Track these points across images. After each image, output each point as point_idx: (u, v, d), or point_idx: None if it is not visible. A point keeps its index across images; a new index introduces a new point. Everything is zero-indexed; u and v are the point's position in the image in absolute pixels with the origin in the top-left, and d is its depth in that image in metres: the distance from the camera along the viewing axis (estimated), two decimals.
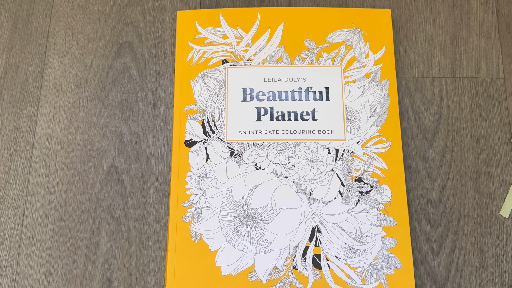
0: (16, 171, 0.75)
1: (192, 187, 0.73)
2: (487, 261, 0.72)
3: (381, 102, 0.77)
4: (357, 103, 0.77)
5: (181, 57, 0.79)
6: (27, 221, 0.73)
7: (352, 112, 0.76)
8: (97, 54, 0.80)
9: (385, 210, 0.72)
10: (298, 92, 0.77)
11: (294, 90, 0.77)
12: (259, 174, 0.74)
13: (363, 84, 0.77)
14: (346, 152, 0.75)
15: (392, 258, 0.71)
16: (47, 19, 0.82)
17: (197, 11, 0.81)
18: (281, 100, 0.77)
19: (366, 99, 0.77)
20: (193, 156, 0.74)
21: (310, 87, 0.77)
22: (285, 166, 0.74)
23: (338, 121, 0.76)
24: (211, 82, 0.77)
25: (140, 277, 0.71)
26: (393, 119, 0.76)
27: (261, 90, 0.77)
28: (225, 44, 0.79)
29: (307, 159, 0.74)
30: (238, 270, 0.70)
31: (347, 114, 0.76)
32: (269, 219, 0.72)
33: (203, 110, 0.76)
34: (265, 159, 0.74)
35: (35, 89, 0.78)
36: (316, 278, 0.70)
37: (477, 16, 0.82)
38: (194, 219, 0.72)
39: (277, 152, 0.74)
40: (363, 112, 0.76)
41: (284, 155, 0.74)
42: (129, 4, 0.82)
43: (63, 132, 0.77)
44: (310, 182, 0.73)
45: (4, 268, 0.71)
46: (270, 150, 0.74)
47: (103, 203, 0.74)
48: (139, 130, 0.77)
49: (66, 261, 0.71)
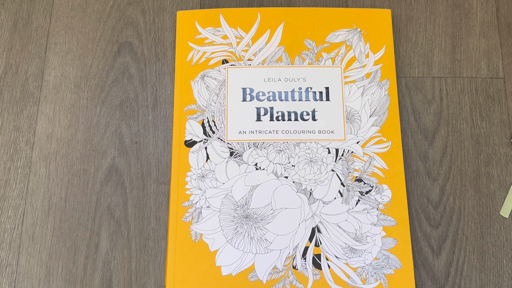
0: (16, 171, 0.75)
1: (192, 187, 0.73)
2: (487, 261, 0.72)
3: (381, 102, 0.77)
4: (357, 103, 0.77)
5: (181, 57, 0.79)
6: (27, 221, 0.73)
7: (352, 112, 0.76)
8: (97, 54, 0.80)
9: (385, 210, 0.72)
10: (298, 92, 0.77)
11: (294, 90, 0.77)
12: (259, 174, 0.74)
13: (363, 84, 0.77)
14: (346, 152, 0.75)
15: (392, 258, 0.71)
16: (47, 19, 0.82)
17: (197, 11, 0.81)
18: (281, 100, 0.77)
19: (366, 99, 0.77)
20: (193, 156, 0.74)
21: (310, 87, 0.77)
22: (285, 166, 0.74)
23: (338, 121, 0.76)
24: (211, 82, 0.77)
25: (140, 277, 0.71)
26: (393, 119, 0.76)
27: (261, 90, 0.77)
28: (225, 44, 0.79)
29: (307, 159, 0.74)
30: (238, 270, 0.70)
31: (347, 114, 0.76)
32: (269, 219, 0.72)
33: (203, 110, 0.76)
34: (265, 159, 0.74)
35: (35, 89, 0.78)
36: (316, 278, 0.70)
37: (477, 16, 0.82)
38: (194, 219, 0.72)
39: (277, 152, 0.74)
40: (363, 112, 0.76)
41: (284, 155, 0.74)
42: (129, 4, 0.82)
43: (63, 132, 0.77)
44: (310, 182, 0.73)
45: (4, 268, 0.71)
46: (270, 150, 0.74)
47: (103, 203, 0.74)
48: (139, 130, 0.77)
49: (66, 261, 0.71)
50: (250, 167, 0.74)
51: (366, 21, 0.80)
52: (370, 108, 0.76)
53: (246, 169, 0.74)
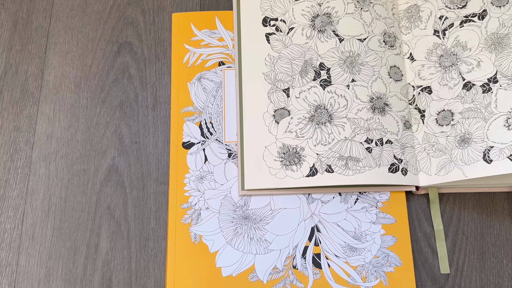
0: (16, 171, 0.75)
1: (191, 189, 0.73)
2: (487, 261, 0.72)
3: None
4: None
5: (177, 59, 0.79)
6: (27, 221, 0.73)
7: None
8: (97, 54, 0.80)
9: (384, 208, 0.73)
10: None
11: None
12: None
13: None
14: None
15: (391, 256, 0.71)
16: (47, 19, 0.82)
17: (193, 13, 0.81)
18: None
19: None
20: (191, 158, 0.74)
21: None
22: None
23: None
24: (208, 84, 0.77)
25: (140, 277, 0.71)
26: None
27: None
28: (221, 46, 0.79)
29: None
30: (239, 271, 0.70)
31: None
32: (268, 219, 0.72)
33: (200, 112, 0.76)
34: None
35: (35, 89, 0.78)
36: (316, 278, 0.70)
37: None
38: (193, 220, 0.72)
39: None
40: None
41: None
42: (129, 4, 0.82)
43: (63, 132, 0.77)
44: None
45: (4, 268, 0.71)
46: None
47: (103, 203, 0.74)
48: (139, 130, 0.77)
49: (66, 261, 0.72)
50: None
51: None
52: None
53: None
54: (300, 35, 0.77)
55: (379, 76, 0.76)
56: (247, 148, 0.73)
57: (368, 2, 0.79)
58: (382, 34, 0.78)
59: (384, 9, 0.79)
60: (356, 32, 0.78)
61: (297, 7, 0.79)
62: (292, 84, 0.75)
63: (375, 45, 0.77)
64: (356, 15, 0.78)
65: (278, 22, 0.78)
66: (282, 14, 0.78)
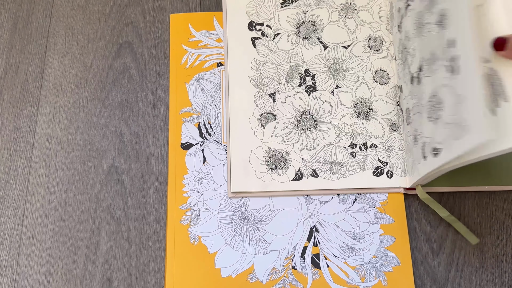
0: (16, 171, 0.75)
1: (190, 190, 0.73)
2: (487, 261, 0.72)
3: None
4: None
5: (176, 60, 0.79)
6: (27, 221, 0.73)
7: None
8: (97, 54, 0.80)
9: (382, 208, 0.73)
10: None
11: None
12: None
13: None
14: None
15: (390, 256, 0.71)
16: (47, 19, 0.82)
17: (191, 14, 0.81)
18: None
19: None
20: (190, 158, 0.74)
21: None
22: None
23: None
24: (206, 85, 0.77)
25: (140, 277, 0.71)
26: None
27: None
28: (219, 47, 0.79)
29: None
30: (238, 271, 0.70)
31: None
32: (267, 220, 0.72)
33: (198, 112, 0.76)
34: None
35: (35, 89, 0.79)
36: (315, 278, 0.70)
37: None
38: (192, 221, 0.72)
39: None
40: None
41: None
42: (129, 4, 0.82)
43: (63, 132, 0.77)
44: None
45: (4, 268, 0.71)
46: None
47: (103, 203, 0.74)
48: (139, 130, 0.77)
49: (66, 261, 0.72)
50: None
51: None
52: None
53: None
54: (286, 41, 0.78)
55: (363, 82, 0.77)
56: (234, 151, 0.73)
57: (352, 10, 0.79)
58: (367, 40, 0.79)
59: (369, 14, 0.80)
60: (340, 39, 0.79)
61: (282, 14, 0.79)
62: (278, 89, 0.76)
63: (360, 51, 0.78)
64: (340, 23, 0.79)
65: (264, 27, 0.79)
66: (268, 19, 0.79)
